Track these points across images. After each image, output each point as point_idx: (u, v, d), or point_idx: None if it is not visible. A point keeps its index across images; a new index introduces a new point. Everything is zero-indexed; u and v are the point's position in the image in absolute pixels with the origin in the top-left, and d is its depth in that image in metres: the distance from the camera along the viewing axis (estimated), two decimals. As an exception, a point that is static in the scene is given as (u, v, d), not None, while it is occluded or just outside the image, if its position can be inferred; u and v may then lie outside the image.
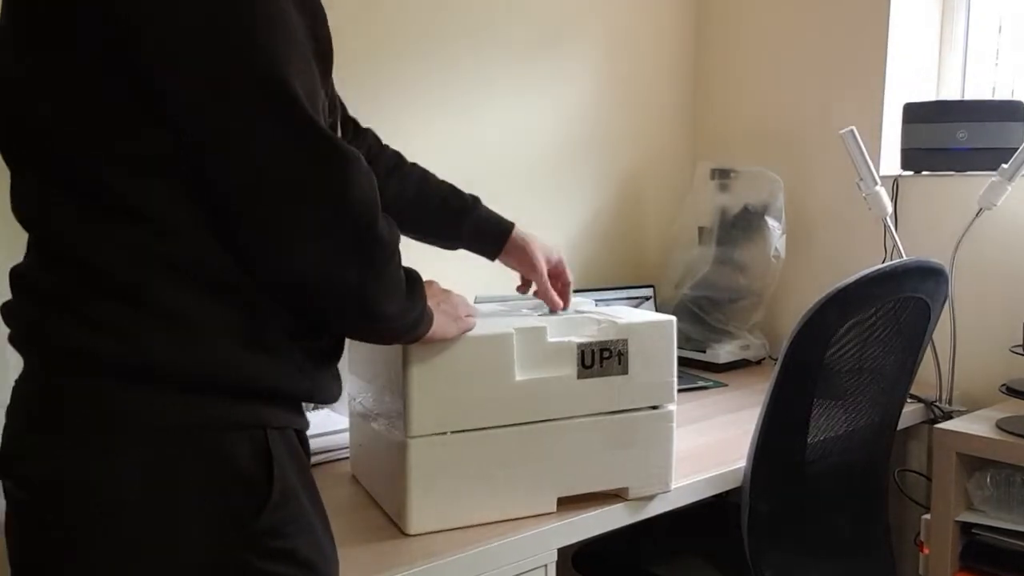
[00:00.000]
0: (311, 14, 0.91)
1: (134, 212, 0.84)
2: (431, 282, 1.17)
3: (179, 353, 0.84)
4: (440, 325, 1.13)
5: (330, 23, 1.00)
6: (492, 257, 1.41)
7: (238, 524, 0.86)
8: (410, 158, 1.43)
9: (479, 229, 1.37)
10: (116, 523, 0.83)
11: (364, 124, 1.39)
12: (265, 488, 0.87)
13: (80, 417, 0.84)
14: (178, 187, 0.85)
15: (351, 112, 1.37)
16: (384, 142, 1.40)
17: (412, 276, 1.02)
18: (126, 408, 0.84)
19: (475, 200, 1.39)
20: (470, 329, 1.22)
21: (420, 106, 1.99)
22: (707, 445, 1.64)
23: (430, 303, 1.10)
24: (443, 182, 1.39)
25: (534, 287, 1.42)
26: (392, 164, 1.37)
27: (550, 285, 1.39)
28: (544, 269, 1.39)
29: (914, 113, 2.10)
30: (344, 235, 0.88)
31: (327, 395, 0.99)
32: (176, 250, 0.85)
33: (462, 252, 1.90)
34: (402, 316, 1.00)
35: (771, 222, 2.21)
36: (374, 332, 1.03)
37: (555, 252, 1.43)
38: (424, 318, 1.07)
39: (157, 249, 0.85)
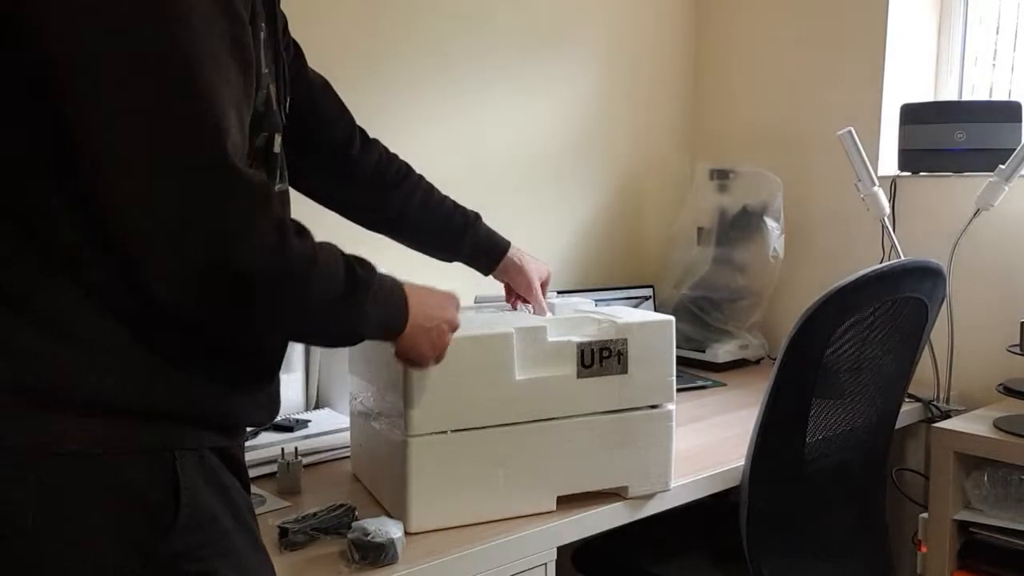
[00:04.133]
0: (238, 19, 0.86)
1: (26, 223, 0.82)
2: (446, 296, 1.14)
3: (75, 373, 0.82)
4: (414, 347, 1.08)
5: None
6: (487, 273, 1.45)
7: (143, 549, 0.84)
8: (410, 159, 1.44)
9: (478, 246, 1.41)
10: (13, 552, 0.81)
11: (364, 125, 1.40)
12: (171, 511, 0.85)
13: None
14: (68, 198, 0.82)
15: (353, 112, 1.37)
16: (393, 150, 1.40)
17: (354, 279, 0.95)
18: (21, 431, 0.81)
19: (476, 217, 1.42)
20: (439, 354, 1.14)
21: (420, 106, 2.00)
22: (706, 444, 1.65)
23: (416, 321, 1.05)
24: (446, 197, 1.41)
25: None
26: (400, 176, 1.37)
27: (543, 300, 1.45)
28: (538, 288, 1.44)
29: (912, 114, 2.11)
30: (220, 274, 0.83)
31: (246, 419, 0.97)
32: (69, 261, 0.82)
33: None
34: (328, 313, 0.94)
35: (770, 222, 2.22)
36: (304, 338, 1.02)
37: (545, 270, 1.47)
38: (368, 310, 0.98)
39: (53, 263, 0.82)
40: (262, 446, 1.53)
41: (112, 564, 0.83)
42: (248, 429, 1.03)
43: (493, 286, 1.71)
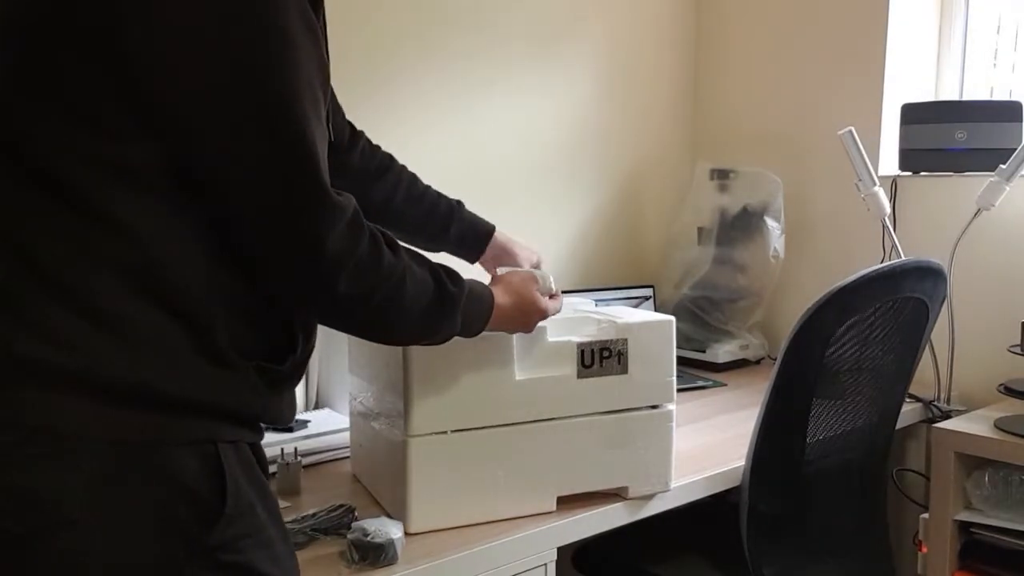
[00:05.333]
0: (316, 37, 0.90)
1: (98, 216, 0.84)
2: (521, 276, 1.23)
3: (127, 365, 0.83)
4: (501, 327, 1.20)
5: (331, 24, 1.00)
6: (473, 260, 1.45)
7: (189, 539, 0.85)
8: (410, 158, 1.44)
9: (464, 231, 1.42)
10: (62, 539, 0.81)
11: (364, 124, 1.40)
12: (217, 502, 0.87)
13: (26, 429, 0.82)
14: (152, 197, 0.85)
15: (353, 112, 1.37)
16: (377, 143, 1.40)
17: (444, 284, 1.05)
18: (73, 421, 0.82)
19: (459, 203, 1.43)
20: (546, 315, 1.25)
21: (420, 106, 2.00)
22: (706, 445, 1.64)
23: (501, 309, 1.16)
24: (428, 186, 1.42)
25: None
26: (383, 166, 1.38)
27: None
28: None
29: (912, 114, 2.11)
30: (329, 294, 0.93)
31: (278, 418, 0.99)
32: (133, 258, 0.84)
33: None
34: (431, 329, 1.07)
35: (770, 222, 2.21)
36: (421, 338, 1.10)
37: (535, 255, 1.47)
38: (459, 319, 1.09)
39: (111, 255, 0.84)
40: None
41: (157, 554, 0.84)
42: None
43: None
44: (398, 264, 0.98)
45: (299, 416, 1.69)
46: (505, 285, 1.20)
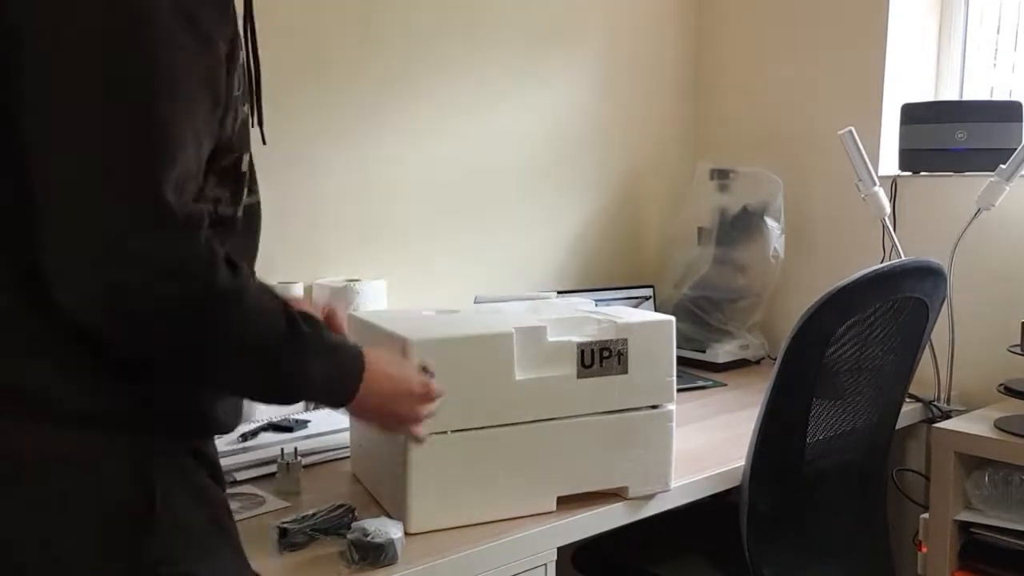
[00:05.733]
0: (202, 41, 0.85)
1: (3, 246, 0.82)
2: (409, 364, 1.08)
3: (50, 385, 0.83)
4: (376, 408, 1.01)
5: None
6: None
7: (123, 556, 0.84)
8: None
9: None
10: (4, 559, 0.81)
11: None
12: (148, 517, 0.85)
13: None
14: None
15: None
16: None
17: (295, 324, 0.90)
18: (9, 441, 0.82)
19: None
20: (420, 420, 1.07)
21: (420, 107, 2.00)
22: (706, 445, 1.64)
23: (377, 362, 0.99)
24: None
25: None
26: None
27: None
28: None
29: (912, 114, 2.11)
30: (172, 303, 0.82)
31: (213, 425, 0.96)
32: (34, 283, 0.81)
33: (464, 254, 1.91)
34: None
35: (770, 222, 2.21)
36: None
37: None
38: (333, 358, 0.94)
39: (19, 281, 0.82)
40: (262, 446, 1.52)
41: (93, 571, 0.84)
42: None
43: (493, 287, 1.71)
44: (235, 284, 0.85)
45: (299, 416, 1.69)
46: (378, 354, 1.01)
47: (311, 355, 0.91)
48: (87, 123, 0.79)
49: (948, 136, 2.05)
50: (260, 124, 1.05)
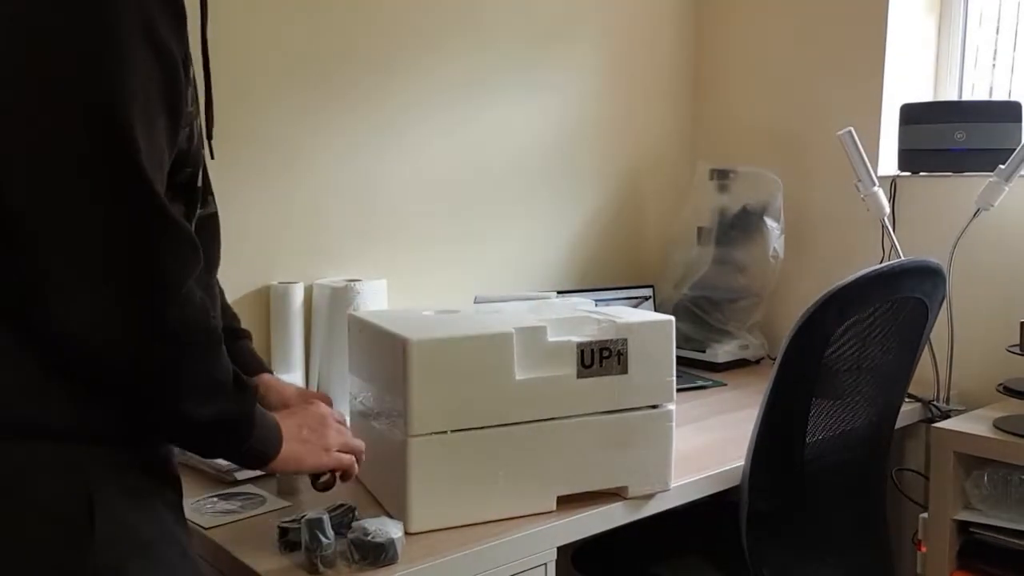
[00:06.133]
0: (164, 60, 0.87)
1: None
2: (312, 402, 1.14)
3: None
4: (293, 450, 1.06)
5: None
6: None
7: (65, 569, 0.84)
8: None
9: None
10: None
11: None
12: (86, 529, 0.85)
13: None
14: None
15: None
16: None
17: (240, 380, 0.96)
18: None
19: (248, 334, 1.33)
20: (342, 467, 1.16)
21: (420, 107, 2.00)
22: (706, 444, 1.65)
23: (290, 424, 1.06)
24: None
25: None
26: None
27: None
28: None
29: (912, 114, 2.11)
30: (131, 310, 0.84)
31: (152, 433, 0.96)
32: None
33: (464, 254, 1.91)
34: (217, 421, 0.93)
35: (770, 222, 2.22)
36: (181, 433, 0.94)
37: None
38: (254, 433, 0.98)
39: None
40: (262, 446, 1.52)
41: None
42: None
43: (493, 287, 1.70)
44: (217, 326, 0.92)
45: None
46: (284, 412, 1.11)
47: (253, 405, 0.98)
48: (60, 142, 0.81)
49: (947, 136, 2.05)
50: (210, 138, 1.06)
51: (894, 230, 2.09)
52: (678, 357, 1.41)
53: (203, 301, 0.90)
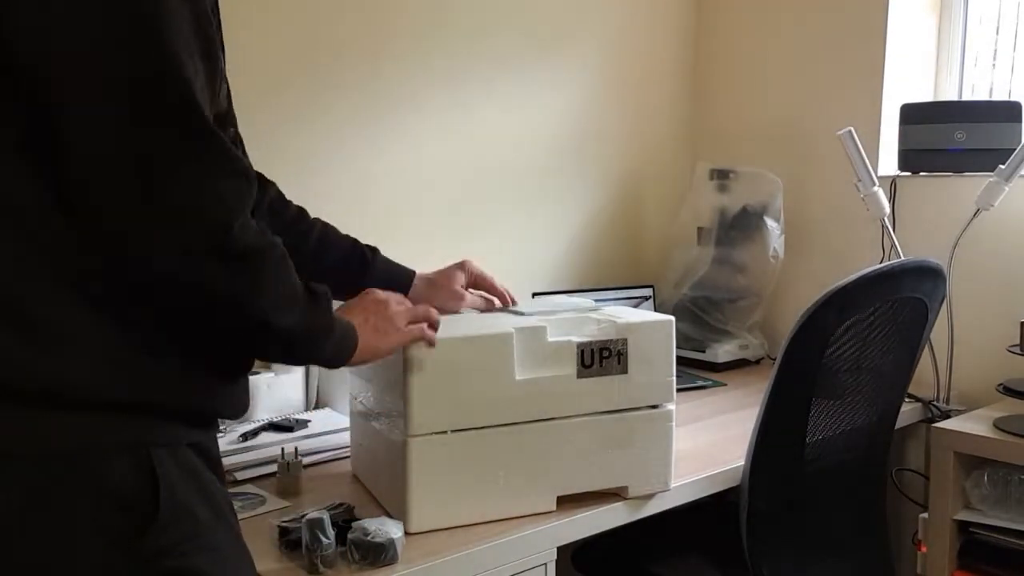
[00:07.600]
0: (205, 16, 0.88)
1: (3, 217, 0.82)
2: (367, 293, 1.16)
3: (52, 372, 0.82)
4: (367, 341, 1.09)
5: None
6: None
7: (124, 546, 0.84)
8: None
9: (380, 280, 1.35)
10: (2, 552, 0.81)
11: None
12: (151, 508, 0.85)
13: None
14: (33, 176, 0.82)
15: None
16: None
17: (315, 289, 0.99)
18: (4, 434, 0.82)
19: (374, 251, 1.39)
20: (417, 339, 1.17)
21: (420, 108, 2.00)
22: (706, 444, 1.65)
23: (357, 318, 1.09)
24: (344, 236, 1.39)
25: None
26: (293, 219, 1.35)
27: (483, 299, 1.43)
28: (464, 293, 1.41)
29: (912, 114, 2.11)
30: (198, 238, 0.85)
31: (225, 411, 0.97)
32: (48, 261, 0.83)
33: (464, 254, 1.89)
34: (301, 329, 0.96)
35: (770, 222, 2.22)
36: (268, 346, 0.97)
37: (464, 272, 1.42)
38: (335, 334, 1.03)
39: (28, 257, 0.82)
40: (262, 446, 1.53)
41: (95, 563, 0.84)
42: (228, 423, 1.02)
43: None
44: (277, 240, 0.94)
45: (299, 416, 1.70)
46: (343, 307, 1.14)
47: (328, 309, 1.01)
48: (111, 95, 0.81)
49: (947, 136, 2.05)
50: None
51: (894, 230, 2.09)
52: (678, 357, 1.41)
53: (258, 222, 0.92)
